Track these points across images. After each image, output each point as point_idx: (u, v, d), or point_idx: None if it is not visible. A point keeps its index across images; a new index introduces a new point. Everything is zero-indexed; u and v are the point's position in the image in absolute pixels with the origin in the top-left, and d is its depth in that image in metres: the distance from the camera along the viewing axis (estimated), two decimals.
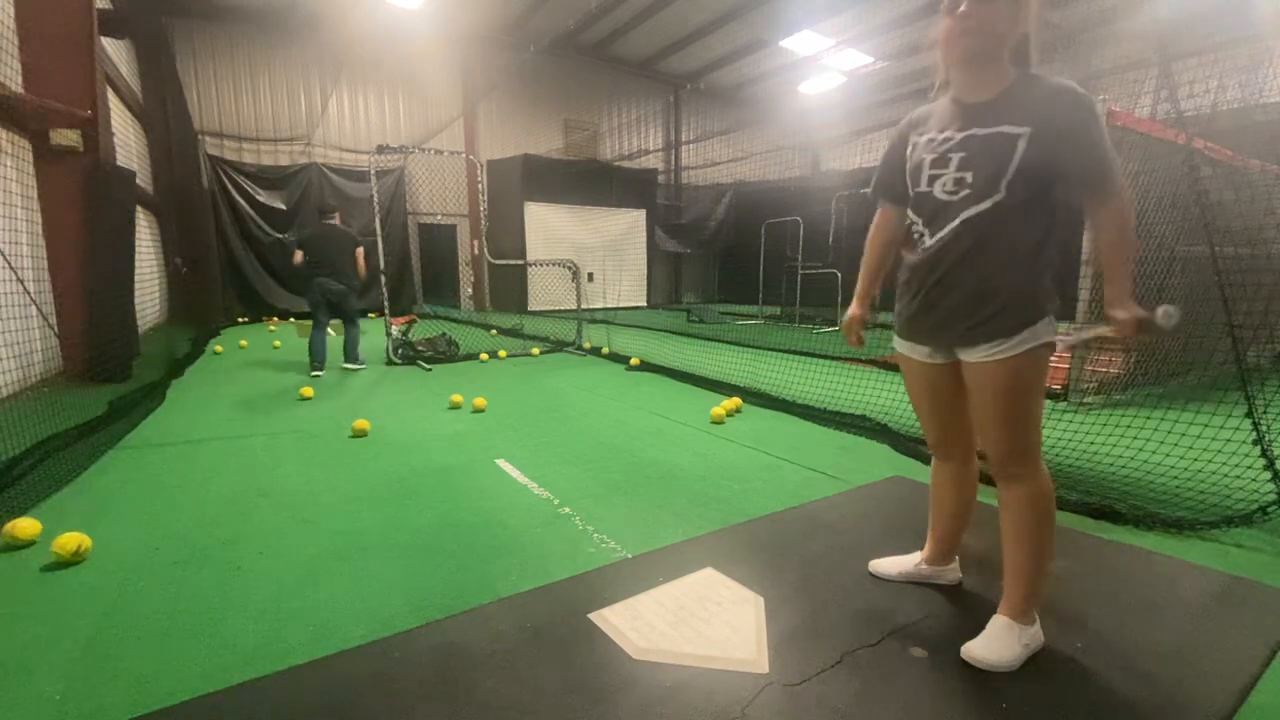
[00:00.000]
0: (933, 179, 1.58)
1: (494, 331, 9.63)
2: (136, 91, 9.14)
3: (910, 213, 1.69)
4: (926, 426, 1.87)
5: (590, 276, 14.12)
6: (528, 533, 2.50)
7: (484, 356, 7.17)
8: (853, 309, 1.99)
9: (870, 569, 2.11)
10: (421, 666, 1.64)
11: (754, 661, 1.65)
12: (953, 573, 2.01)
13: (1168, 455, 2.94)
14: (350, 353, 6.36)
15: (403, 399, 5.09)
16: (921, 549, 2.04)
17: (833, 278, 10.67)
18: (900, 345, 1.80)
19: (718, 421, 4.22)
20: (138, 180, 7.54)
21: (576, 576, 2.12)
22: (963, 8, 1.48)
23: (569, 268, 8.69)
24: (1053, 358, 1.60)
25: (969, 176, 1.51)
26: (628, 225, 15.53)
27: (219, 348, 7.88)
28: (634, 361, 6.65)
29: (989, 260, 1.52)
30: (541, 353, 7.74)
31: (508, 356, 7.37)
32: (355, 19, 12.46)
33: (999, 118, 1.49)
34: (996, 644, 1.61)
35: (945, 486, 1.91)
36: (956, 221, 1.54)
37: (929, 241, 1.61)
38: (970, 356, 1.58)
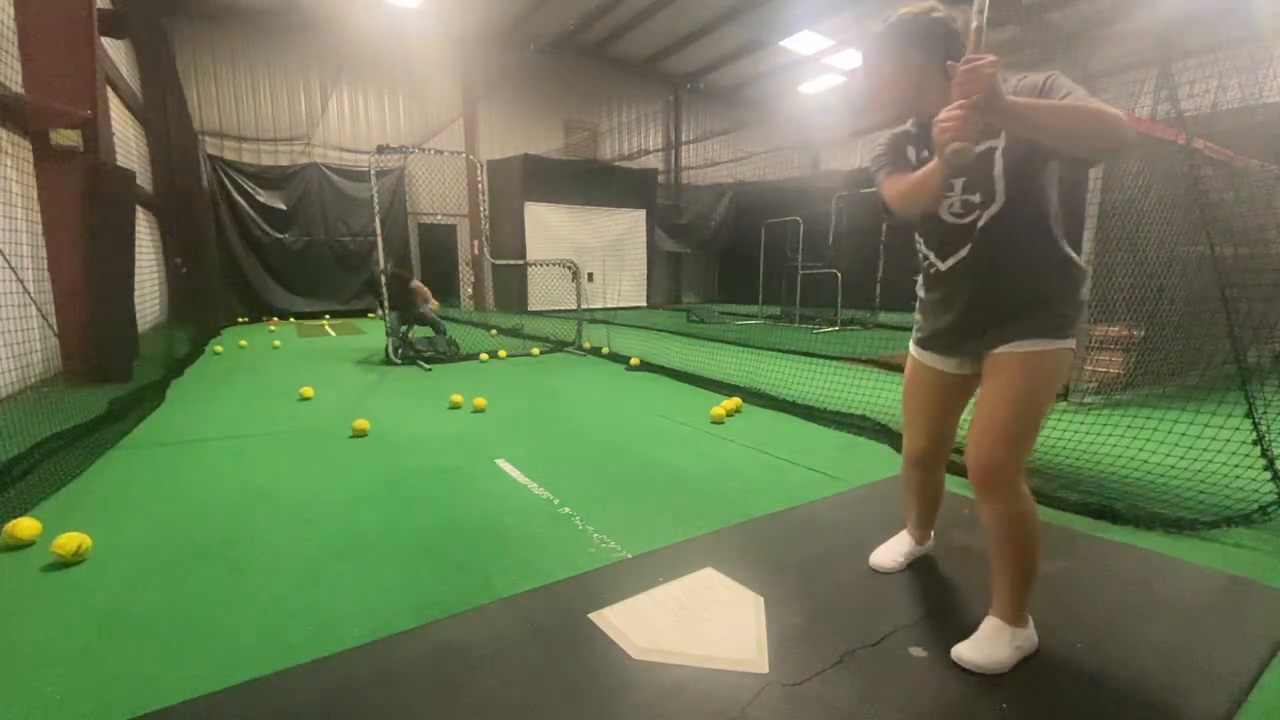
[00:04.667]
0: (935, 200, 1.57)
1: (494, 331, 9.63)
2: (136, 91, 9.13)
3: (917, 236, 1.70)
4: (919, 434, 1.89)
5: (590, 276, 14.12)
6: (528, 533, 2.50)
7: (484, 356, 7.17)
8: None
9: (872, 565, 2.15)
10: (421, 666, 1.64)
11: (754, 661, 1.65)
12: (930, 542, 2.21)
13: (1168, 455, 2.94)
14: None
15: (403, 399, 5.09)
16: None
17: (832, 278, 10.67)
18: (921, 355, 1.82)
19: (718, 421, 4.22)
20: (138, 180, 7.54)
21: (576, 576, 2.12)
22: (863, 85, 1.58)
23: (569, 268, 8.69)
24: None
25: (976, 197, 1.53)
26: (628, 225, 15.53)
27: (219, 348, 7.88)
28: (634, 361, 6.65)
29: (1015, 264, 1.52)
30: (541, 353, 7.74)
31: (508, 356, 7.37)
32: (355, 19, 12.47)
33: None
34: (987, 646, 1.61)
35: (924, 485, 2.02)
36: (975, 239, 1.55)
37: (943, 266, 1.63)
38: (1006, 350, 1.56)
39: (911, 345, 1.86)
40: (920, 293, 1.78)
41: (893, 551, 2.16)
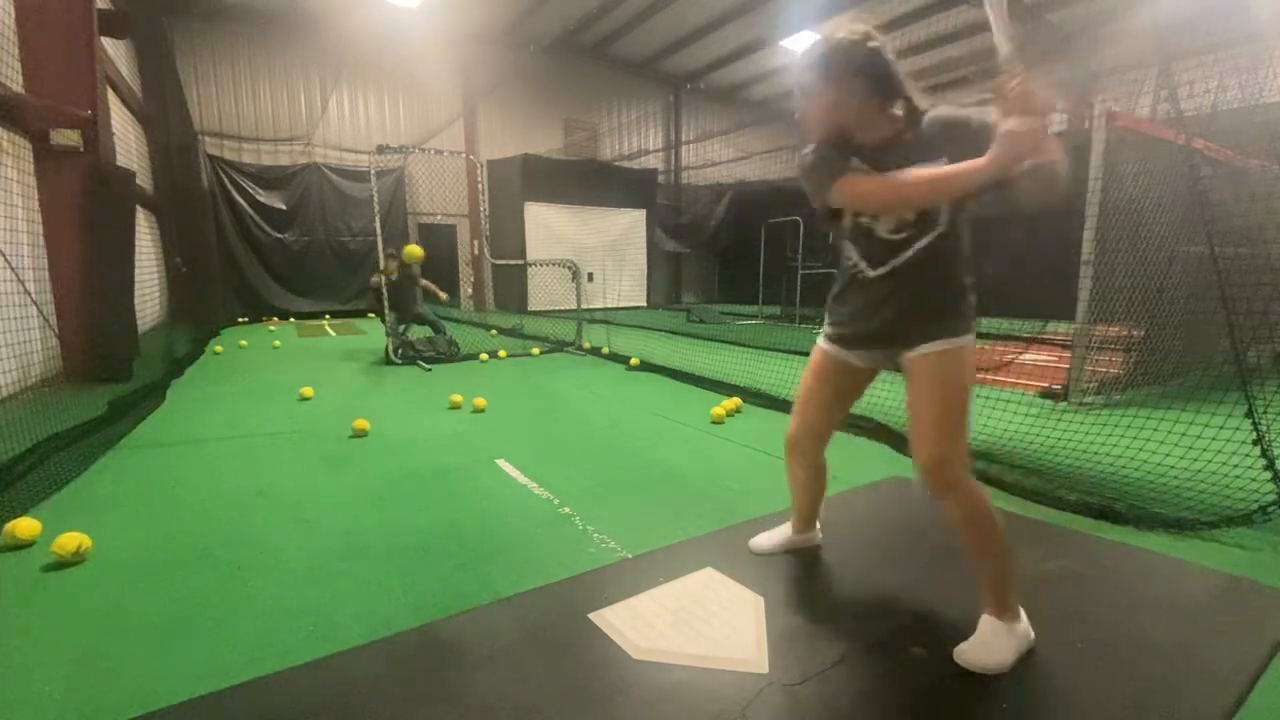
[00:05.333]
0: (875, 215, 1.63)
1: (494, 331, 9.63)
2: (136, 91, 9.14)
3: (848, 244, 1.74)
4: (811, 416, 1.95)
5: (590, 276, 14.12)
6: (528, 533, 2.50)
7: (484, 356, 7.17)
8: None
9: (750, 546, 2.25)
10: (421, 666, 1.64)
11: (754, 661, 1.65)
12: (816, 536, 2.28)
13: (1168, 455, 2.94)
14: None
15: (403, 399, 5.09)
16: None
17: (832, 278, 10.64)
18: (833, 350, 1.88)
19: (718, 421, 4.22)
20: (138, 180, 7.54)
21: (576, 576, 2.12)
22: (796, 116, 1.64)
23: (569, 268, 8.69)
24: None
25: (912, 215, 1.57)
26: (628, 225, 15.53)
27: (219, 348, 7.89)
28: (634, 361, 6.65)
29: (937, 278, 1.62)
30: (541, 353, 7.74)
31: (507, 356, 7.37)
32: (355, 19, 12.46)
33: (910, 158, 1.52)
34: (987, 646, 1.61)
35: (804, 471, 2.06)
36: (909, 253, 1.60)
37: (870, 274, 1.68)
38: (918, 351, 1.63)
39: (822, 339, 1.92)
40: (835, 292, 1.86)
41: (771, 539, 2.26)
